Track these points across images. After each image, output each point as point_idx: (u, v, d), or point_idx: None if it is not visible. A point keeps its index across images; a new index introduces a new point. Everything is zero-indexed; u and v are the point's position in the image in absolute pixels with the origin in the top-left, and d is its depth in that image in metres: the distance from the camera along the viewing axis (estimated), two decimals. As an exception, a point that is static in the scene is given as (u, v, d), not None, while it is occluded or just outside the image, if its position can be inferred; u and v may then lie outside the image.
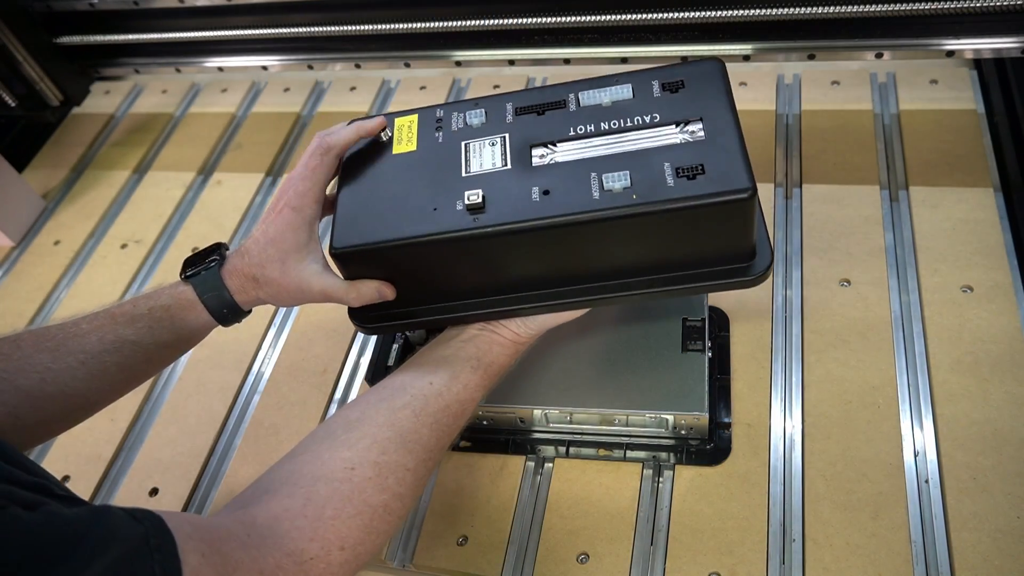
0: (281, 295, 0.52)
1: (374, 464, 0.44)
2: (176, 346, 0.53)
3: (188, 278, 0.52)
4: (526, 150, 0.50)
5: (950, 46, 0.77)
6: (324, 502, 0.42)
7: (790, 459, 0.58)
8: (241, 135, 0.98)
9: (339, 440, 0.45)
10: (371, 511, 0.43)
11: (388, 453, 0.45)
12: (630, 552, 0.55)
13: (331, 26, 0.92)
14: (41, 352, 0.48)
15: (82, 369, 0.49)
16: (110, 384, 0.51)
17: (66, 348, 0.48)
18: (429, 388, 0.49)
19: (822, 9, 0.75)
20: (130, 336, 0.50)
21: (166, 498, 0.65)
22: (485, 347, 0.52)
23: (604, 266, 0.50)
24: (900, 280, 0.66)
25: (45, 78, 1.04)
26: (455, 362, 0.51)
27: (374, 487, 0.43)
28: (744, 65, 0.85)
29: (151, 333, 0.51)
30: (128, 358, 0.50)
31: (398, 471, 0.45)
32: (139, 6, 0.98)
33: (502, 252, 0.49)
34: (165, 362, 0.55)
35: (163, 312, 0.51)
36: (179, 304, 0.51)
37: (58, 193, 0.99)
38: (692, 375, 0.57)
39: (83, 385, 0.49)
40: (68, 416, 0.51)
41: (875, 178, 0.73)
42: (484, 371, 0.51)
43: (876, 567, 0.51)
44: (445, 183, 0.50)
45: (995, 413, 0.56)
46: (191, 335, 0.53)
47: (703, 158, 0.46)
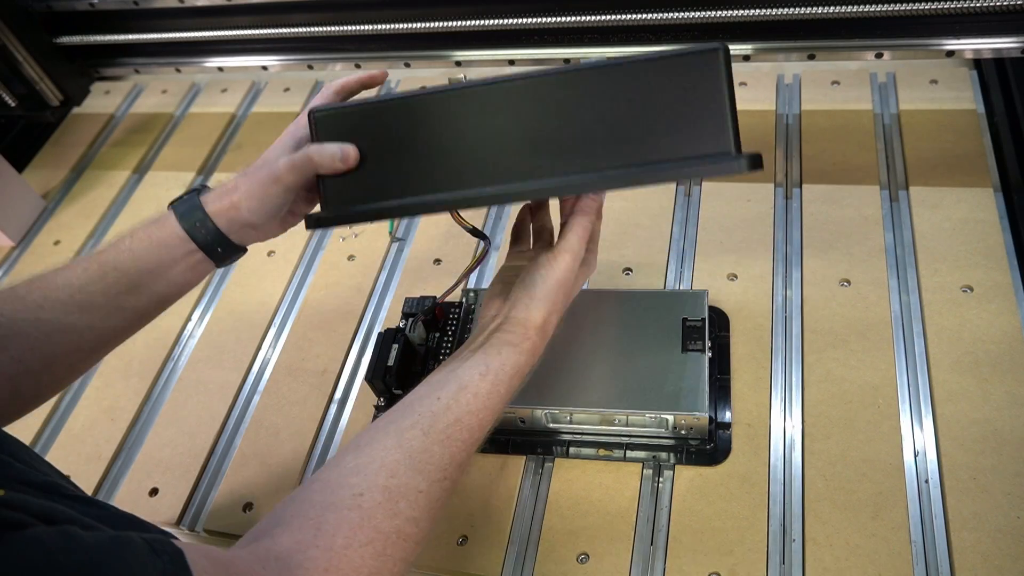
0: (252, 185, 0.51)
1: (383, 488, 0.42)
2: (158, 272, 0.52)
3: (169, 205, 0.54)
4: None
5: (950, 46, 0.77)
6: (334, 531, 0.40)
7: (790, 459, 0.58)
8: (241, 135, 0.98)
9: (347, 466, 0.44)
10: (383, 538, 0.41)
11: (397, 476, 0.43)
12: (630, 552, 0.55)
13: (331, 26, 0.92)
14: (33, 292, 0.50)
15: (71, 302, 0.50)
16: (101, 318, 0.51)
17: (55, 284, 0.50)
18: (437, 403, 0.47)
19: (822, 9, 0.75)
20: (111, 261, 0.51)
21: (166, 498, 0.65)
22: (493, 351, 0.50)
23: (577, 139, 0.48)
24: (900, 280, 0.66)
25: (45, 78, 1.04)
26: (463, 373, 0.49)
27: (384, 512, 0.42)
28: (744, 65, 0.85)
29: (132, 256, 0.52)
30: (112, 286, 0.51)
31: (409, 494, 0.43)
32: (139, 6, 0.98)
33: (476, 116, 0.49)
34: (151, 296, 0.53)
35: (142, 232, 0.52)
36: (157, 223, 0.53)
37: (58, 193, 0.99)
38: (692, 375, 0.57)
39: (75, 319, 0.50)
40: (69, 359, 0.51)
41: (875, 178, 0.73)
42: (494, 376, 0.49)
43: (876, 567, 0.51)
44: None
45: (995, 413, 0.56)
46: (171, 259, 0.52)
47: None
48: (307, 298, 0.78)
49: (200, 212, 0.52)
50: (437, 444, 0.45)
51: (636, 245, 0.73)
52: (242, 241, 0.54)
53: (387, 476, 0.43)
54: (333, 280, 0.78)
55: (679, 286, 0.70)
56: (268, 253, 0.83)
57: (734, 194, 0.74)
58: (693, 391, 0.57)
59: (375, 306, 0.76)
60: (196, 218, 0.52)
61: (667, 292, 0.68)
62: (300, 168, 0.50)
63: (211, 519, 0.63)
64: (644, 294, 0.64)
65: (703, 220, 0.74)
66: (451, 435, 0.46)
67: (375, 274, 0.78)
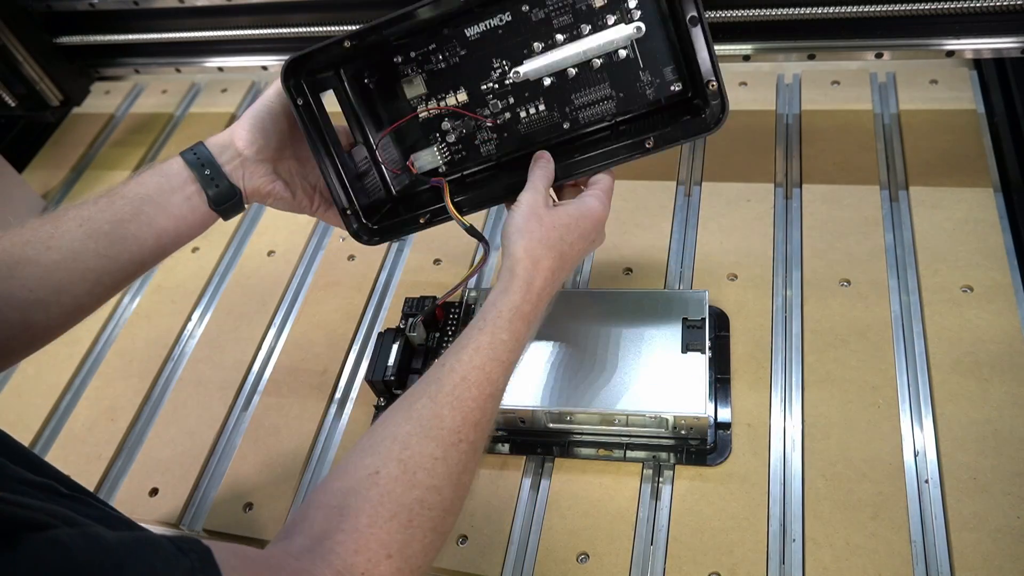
0: (246, 115, 0.56)
1: (398, 462, 0.42)
2: (158, 200, 0.54)
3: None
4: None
5: (950, 46, 0.77)
6: (358, 512, 0.40)
7: (790, 459, 0.58)
8: (241, 135, 0.98)
9: (363, 448, 0.44)
10: (407, 511, 0.41)
11: (410, 447, 0.43)
12: (630, 552, 0.55)
13: (331, 26, 0.92)
14: (45, 223, 0.52)
15: (80, 231, 0.52)
16: (105, 248, 0.52)
17: (67, 216, 0.53)
18: (441, 369, 0.47)
19: (822, 9, 0.75)
20: (120, 190, 0.54)
21: (166, 498, 0.65)
22: (489, 304, 0.49)
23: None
24: (900, 280, 0.66)
25: (45, 78, 1.04)
26: (462, 337, 0.49)
27: (403, 485, 0.42)
28: (744, 65, 0.85)
29: (137, 183, 0.55)
30: (118, 212, 0.53)
31: (425, 463, 0.43)
32: (139, 6, 0.98)
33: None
34: (152, 228, 0.54)
35: (148, 167, 0.56)
36: (163, 161, 0.57)
37: (58, 193, 0.99)
38: (692, 375, 0.57)
39: (82, 247, 0.52)
40: (76, 288, 0.52)
41: (875, 178, 0.73)
42: (492, 325, 0.48)
43: (876, 567, 0.51)
44: None
45: (995, 413, 0.56)
46: (170, 186, 0.55)
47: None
48: (307, 298, 0.78)
49: (200, 144, 0.56)
50: (446, 407, 0.45)
51: (636, 245, 0.73)
52: (232, 173, 0.56)
53: (400, 449, 0.43)
54: (333, 280, 0.78)
55: (679, 286, 0.70)
56: (268, 253, 0.83)
57: (734, 194, 0.74)
58: (693, 391, 0.57)
59: (375, 306, 0.76)
60: (195, 147, 0.56)
61: (667, 292, 0.68)
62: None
63: (211, 519, 0.63)
64: (644, 294, 0.64)
65: (703, 220, 0.74)
66: (459, 395, 0.45)
67: (375, 274, 0.78)
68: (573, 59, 0.55)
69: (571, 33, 0.55)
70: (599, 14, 0.54)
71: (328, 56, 0.56)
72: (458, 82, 0.57)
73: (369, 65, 0.58)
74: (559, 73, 0.56)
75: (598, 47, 0.55)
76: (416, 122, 0.59)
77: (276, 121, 0.56)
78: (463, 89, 0.57)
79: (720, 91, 0.53)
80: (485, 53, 0.57)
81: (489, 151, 0.59)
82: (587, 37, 0.55)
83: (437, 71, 0.58)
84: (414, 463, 0.43)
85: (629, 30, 0.54)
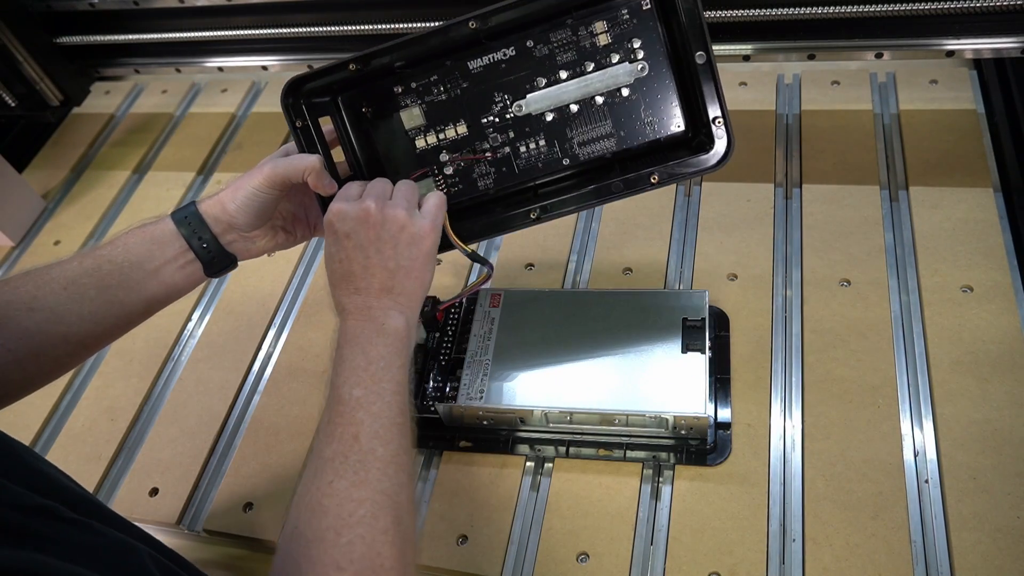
0: (238, 185, 0.55)
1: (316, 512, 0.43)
2: (149, 268, 0.53)
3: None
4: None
5: (950, 46, 0.77)
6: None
7: (790, 459, 0.58)
8: (241, 135, 0.98)
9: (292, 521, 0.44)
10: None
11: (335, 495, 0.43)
12: (630, 552, 0.55)
13: (331, 26, 0.92)
14: (28, 282, 0.51)
15: (64, 294, 0.51)
16: (91, 311, 0.52)
17: (50, 276, 0.51)
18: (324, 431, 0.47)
19: (822, 9, 0.75)
20: (107, 254, 0.53)
21: (166, 498, 0.65)
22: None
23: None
24: (900, 280, 0.66)
25: (45, 78, 1.04)
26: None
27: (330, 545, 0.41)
28: (744, 65, 0.85)
29: (126, 250, 0.53)
30: (105, 278, 0.52)
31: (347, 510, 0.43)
32: (139, 6, 0.98)
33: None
34: (141, 294, 0.54)
35: (139, 229, 0.55)
36: (154, 222, 0.55)
37: (58, 193, 0.99)
38: (692, 375, 0.57)
39: (66, 311, 0.51)
40: (57, 350, 0.51)
41: (875, 178, 0.73)
42: (337, 339, 0.50)
43: (876, 567, 0.51)
44: None
45: (995, 413, 0.56)
46: (162, 256, 0.54)
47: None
48: (307, 298, 0.78)
49: (192, 209, 0.55)
50: (322, 436, 0.46)
51: (636, 245, 0.73)
52: (229, 244, 0.56)
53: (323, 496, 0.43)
54: (333, 280, 0.78)
55: (679, 286, 0.70)
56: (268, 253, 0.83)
57: (734, 194, 0.74)
58: (693, 391, 0.57)
59: (375, 306, 0.76)
60: (187, 212, 0.55)
61: (667, 292, 0.68)
62: (278, 172, 0.54)
63: (211, 519, 0.63)
64: (644, 294, 0.64)
65: (703, 220, 0.74)
66: (333, 422, 0.46)
67: (375, 274, 0.78)
68: (575, 95, 0.56)
69: (574, 70, 0.56)
70: (603, 52, 0.55)
71: (330, 80, 0.56)
72: (458, 114, 0.58)
73: (367, 93, 0.59)
74: (560, 109, 0.57)
75: (601, 84, 0.55)
76: (413, 153, 0.59)
77: (268, 203, 0.55)
78: (463, 121, 0.58)
79: (727, 129, 0.53)
80: (487, 86, 0.57)
81: (487, 185, 0.59)
82: (590, 74, 0.55)
83: (437, 102, 0.58)
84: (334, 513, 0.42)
85: (632, 68, 0.55)
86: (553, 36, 0.55)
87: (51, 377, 0.54)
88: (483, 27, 0.54)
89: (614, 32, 0.55)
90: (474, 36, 0.54)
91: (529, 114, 0.57)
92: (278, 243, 0.59)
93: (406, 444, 0.47)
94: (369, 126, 0.59)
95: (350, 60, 0.55)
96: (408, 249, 0.51)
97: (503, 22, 0.54)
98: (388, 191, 0.54)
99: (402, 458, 0.46)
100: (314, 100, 0.57)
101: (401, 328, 0.50)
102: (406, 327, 0.51)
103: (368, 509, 0.42)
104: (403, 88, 0.58)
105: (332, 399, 0.47)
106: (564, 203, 0.57)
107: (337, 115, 0.58)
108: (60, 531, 0.33)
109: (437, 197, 0.55)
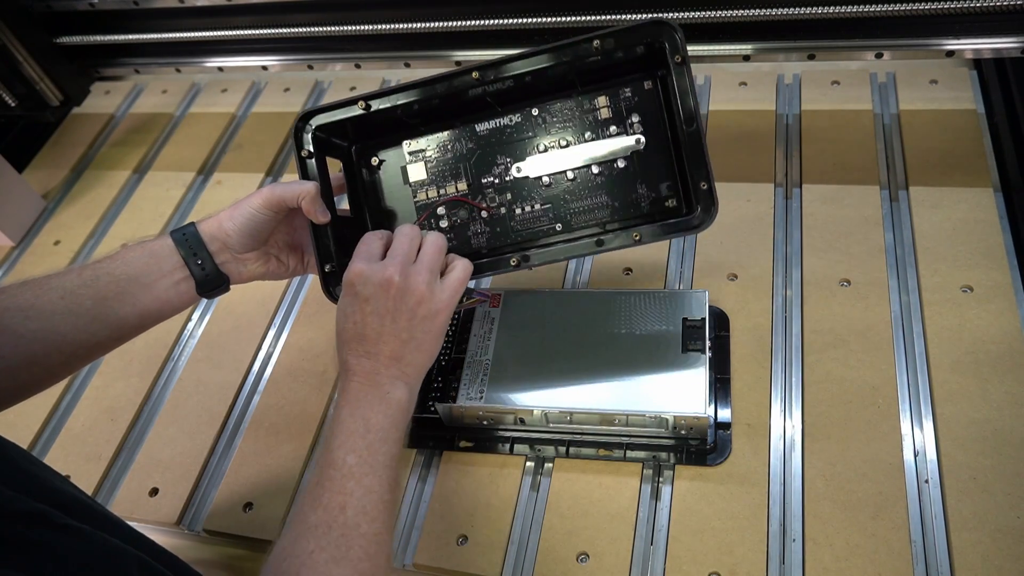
0: (236, 207, 0.56)
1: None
2: (145, 282, 0.54)
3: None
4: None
5: (950, 46, 0.77)
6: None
7: (790, 459, 0.58)
8: (241, 135, 0.98)
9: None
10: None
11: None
12: (630, 552, 0.55)
13: (331, 26, 0.92)
14: (25, 292, 0.51)
15: (61, 304, 0.51)
16: (86, 323, 0.52)
17: (48, 285, 0.52)
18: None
19: (822, 9, 0.75)
20: (105, 267, 0.54)
21: (166, 498, 0.65)
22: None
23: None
24: (900, 280, 0.66)
25: (45, 78, 1.04)
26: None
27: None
28: (744, 65, 0.85)
29: (124, 263, 0.54)
30: (102, 290, 0.53)
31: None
32: (139, 6, 0.98)
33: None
34: (136, 307, 0.54)
35: (138, 244, 0.56)
36: (152, 239, 0.56)
37: (58, 193, 0.99)
38: (692, 375, 0.57)
39: (62, 321, 0.51)
40: (50, 360, 0.52)
41: (875, 178, 0.73)
42: (338, 399, 0.51)
43: (876, 567, 0.51)
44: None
45: (995, 413, 0.56)
46: (159, 270, 0.55)
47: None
48: (307, 298, 0.78)
49: (191, 228, 0.56)
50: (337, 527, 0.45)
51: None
52: (223, 265, 0.57)
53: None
54: (333, 280, 0.78)
55: (679, 286, 0.70)
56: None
57: (734, 194, 0.74)
58: (693, 391, 0.57)
59: (375, 306, 0.76)
60: (186, 231, 0.56)
61: (667, 292, 0.68)
62: (275, 193, 0.55)
63: (211, 519, 0.63)
64: (644, 294, 0.64)
65: (703, 220, 0.74)
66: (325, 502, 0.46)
67: (375, 274, 0.78)
68: (573, 163, 0.59)
69: (575, 139, 0.58)
70: (603, 125, 0.58)
71: (341, 117, 0.58)
72: (460, 172, 0.60)
73: (378, 144, 0.61)
74: (558, 175, 0.59)
75: (598, 154, 0.58)
76: (411, 202, 0.62)
77: (264, 224, 0.56)
78: (464, 180, 0.60)
79: (711, 193, 0.55)
80: (491, 148, 0.60)
81: (480, 243, 0.61)
82: (589, 143, 0.58)
83: (443, 160, 0.60)
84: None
85: (629, 142, 0.57)
86: (557, 105, 0.58)
87: (43, 386, 0.54)
88: (485, 79, 0.56)
89: (615, 106, 0.58)
90: (478, 88, 0.57)
91: (527, 177, 0.59)
92: (269, 270, 0.60)
93: (390, 523, 0.47)
94: (376, 175, 0.62)
95: (360, 98, 0.58)
96: (423, 323, 0.52)
97: (511, 88, 0.57)
98: (413, 253, 0.53)
99: (384, 537, 0.46)
100: (329, 140, 0.60)
101: (404, 400, 0.51)
102: (408, 399, 0.51)
103: None
104: (411, 143, 0.60)
105: (324, 461, 0.47)
106: (546, 254, 0.59)
107: (348, 159, 0.61)
108: (48, 538, 0.33)
109: (463, 270, 0.55)
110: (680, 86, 0.54)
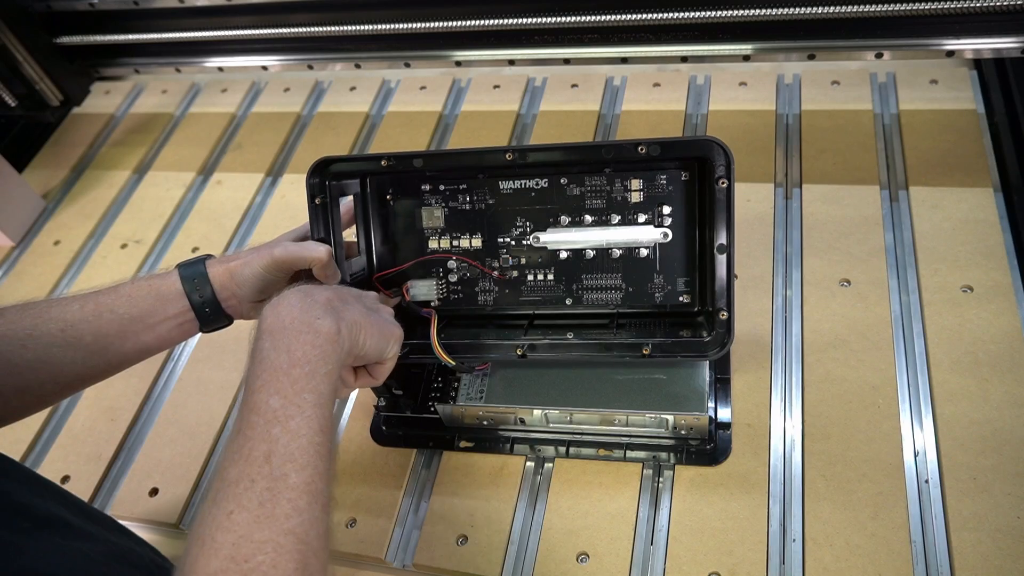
0: (251, 257, 0.54)
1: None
2: (149, 322, 0.53)
3: (178, 265, 0.56)
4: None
5: (950, 46, 0.77)
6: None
7: (790, 459, 0.58)
8: (241, 135, 0.98)
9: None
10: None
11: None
12: (630, 552, 0.55)
13: (331, 26, 0.92)
14: (24, 318, 0.50)
15: (60, 336, 0.50)
16: (84, 357, 0.51)
17: (48, 315, 0.51)
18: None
19: (822, 9, 0.75)
20: (108, 303, 0.52)
21: (166, 498, 0.65)
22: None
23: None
24: (900, 280, 0.66)
25: (45, 78, 1.04)
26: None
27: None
28: (744, 65, 0.85)
29: (129, 301, 0.53)
30: (104, 327, 0.52)
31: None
32: (139, 6, 0.98)
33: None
34: (136, 344, 0.54)
35: (144, 281, 0.54)
36: (161, 275, 0.55)
37: (58, 193, 0.99)
38: (692, 375, 0.57)
39: (60, 353, 0.50)
40: (44, 389, 0.51)
41: (875, 178, 0.73)
42: (257, 327, 0.47)
43: (876, 567, 0.51)
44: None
45: (995, 413, 0.56)
46: (163, 312, 0.53)
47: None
48: (307, 298, 0.78)
49: (202, 272, 0.54)
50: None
51: (636, 245, 0.73)
52: (229, 308, 0.56)
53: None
54: (333, 280, 0.78)
55: (679, 286, 0.70)
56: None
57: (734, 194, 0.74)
58: (693, 391, 0.57)
59: (375, 306, 0.76)
60: (197, 274, 0.54)
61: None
62: (289, 255, 0.54)
63: (211, 519, 0.63)
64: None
65: (703, 220, 0.74)
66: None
67: (375, 274, 0.78)
68: (595, 243, 0.57)
69: (600, 218, 0.56)
70: (632, 209, 0.55)
71: (359, 167, 0.57)
72: (477, 227, 0.58)
73: (395, 183, 0.59)
74: (577, 251, 0.57)
75: (622, 240, 0.56)
76: (424, 250, 0.60)
77: (273, 283, 0.55)
78: (479, 235, 0.58)
79: (729, 323, 0.53)
80: (512, 209, 0.57)
81: (486, 301, 0.60)
82: (615, 227, 0.56)
83: (460, 210, 0.58)
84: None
85: (656, 234, 0.55)
86: (589, 180, 0.56)
87: (33, 411, 0.53)
88: (517, 162, 0.54)
89: (648, 192, 0.55)
90: (509, 165, 0.55)
91: (545, 247, 0.57)
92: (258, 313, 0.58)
93: (323, 467, 0.40)
94: (389, 213, 0.60)
95: (383, 156, 0.56)
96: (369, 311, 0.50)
97: (543, 161, 0.55)
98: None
99: (317, 485, 0.39)
100: (343, 180, 0.58)
101: (332, 330, 0.45)
102: (337, 331, 0.45)
103: (268, 555, 0.35)
104: (431, 187, 0.58)
105: (246, 405, 0.42)
106: (552, 349, 0.57)
107: (362, 196, 0.59)
108: (19, 544, 0.33)
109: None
110: (717, 212, 0.52)
